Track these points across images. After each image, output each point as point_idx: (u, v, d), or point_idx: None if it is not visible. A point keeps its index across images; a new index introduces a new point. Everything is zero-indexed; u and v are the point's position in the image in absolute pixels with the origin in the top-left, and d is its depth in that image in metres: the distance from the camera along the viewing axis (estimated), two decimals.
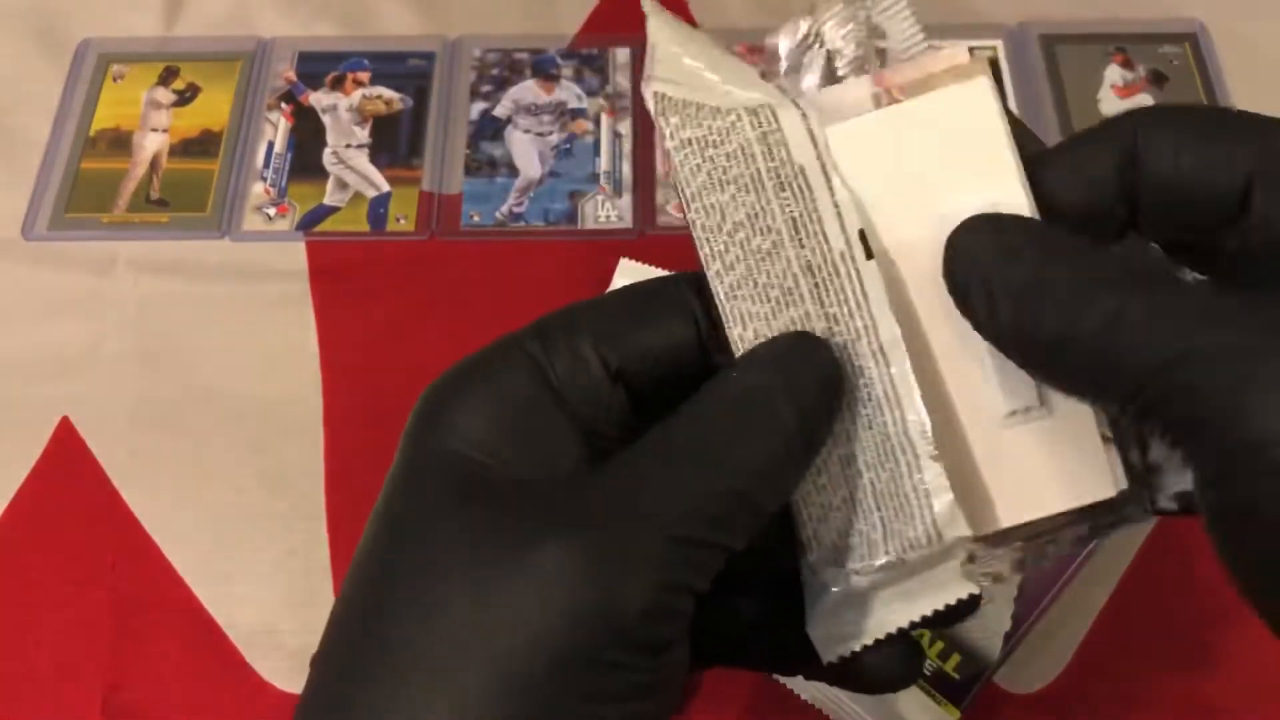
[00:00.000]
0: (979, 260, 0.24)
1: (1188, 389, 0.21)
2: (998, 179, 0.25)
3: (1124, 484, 0.25)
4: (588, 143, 0.60)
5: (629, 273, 0.53)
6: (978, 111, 0.26)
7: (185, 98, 0.62)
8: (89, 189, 0.59)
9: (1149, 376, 0.21)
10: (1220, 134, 0.24)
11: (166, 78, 0.63)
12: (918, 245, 0.25)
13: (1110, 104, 0.60)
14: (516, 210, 0.58)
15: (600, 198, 0.58)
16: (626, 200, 0.58)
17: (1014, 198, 0.25)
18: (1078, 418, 0.25)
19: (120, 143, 0.61)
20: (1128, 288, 0.22)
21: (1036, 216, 0.25)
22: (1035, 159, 0.26)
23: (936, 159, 0.26)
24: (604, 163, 0.59)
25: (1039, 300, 0.23)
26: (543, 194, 0.59)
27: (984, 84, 0.26)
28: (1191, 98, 0.60)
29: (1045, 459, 0.25)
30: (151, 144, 0.61)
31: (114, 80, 0.63)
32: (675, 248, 0.56)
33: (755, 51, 0.66)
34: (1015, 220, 0.24)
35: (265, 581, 0.49)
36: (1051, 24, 0.63)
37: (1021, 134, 0.26)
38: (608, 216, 0.58)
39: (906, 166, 0.26)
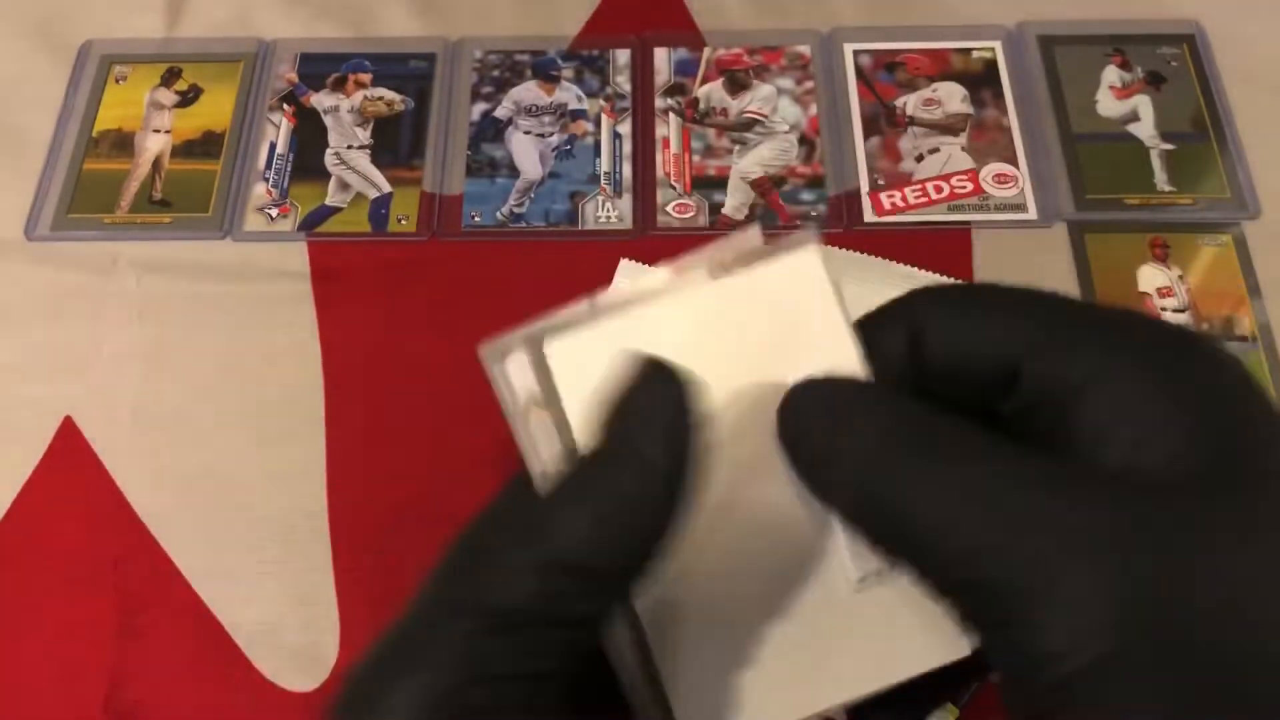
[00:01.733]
0: (807, 422, 0.24)
1: (989, 587, 0.21)
2: (831, 344, 0.26)
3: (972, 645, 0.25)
4: (588, 144, 0.60)
5: (629, 273, 0.53)
6: (808, 279, 0.26)
7: (187, 99, 0.62)
8: (91, 189, 0.59)
9: (953, 562, 0.22)
10: (988, 315, 0.25)
11: (169, 79, 0.63)
12: (758, 416, 0.25)
13: (1108, 105, 0.61)
14: (517, 211, 0.58)
15: (600, 198, 0.58)
16: (626, 201, 0.58)
17: (848, 361, 0.25)
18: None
19: (122, 143, 0.61)
20: (951, 459, 0.22)
21: (868, 377, 0.25)
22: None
23: (769, 329, 0.26)
24: (604, 164, 0.60)
25: (852, 466, 0.23)
26: (543, 195, 0.59)
27: (813, 251, 0.26)
28: (1190, 98, 0.61)
29: (898, 622, 0.25)
30: (154, 145, 0.61)
31: (116, 81, 0.63)
32: (675, 248, 0.56)
33: (755, 51, 0.66)
34: (845, 382, 0.25)
35: (267, 580, 0.49)
36: (1049, 25, 0.63)
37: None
38: (608, 217, 0.58)
39: (746, 338, 0.26)
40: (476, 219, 0.58)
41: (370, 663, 0.23)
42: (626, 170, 0.59)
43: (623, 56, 0.63)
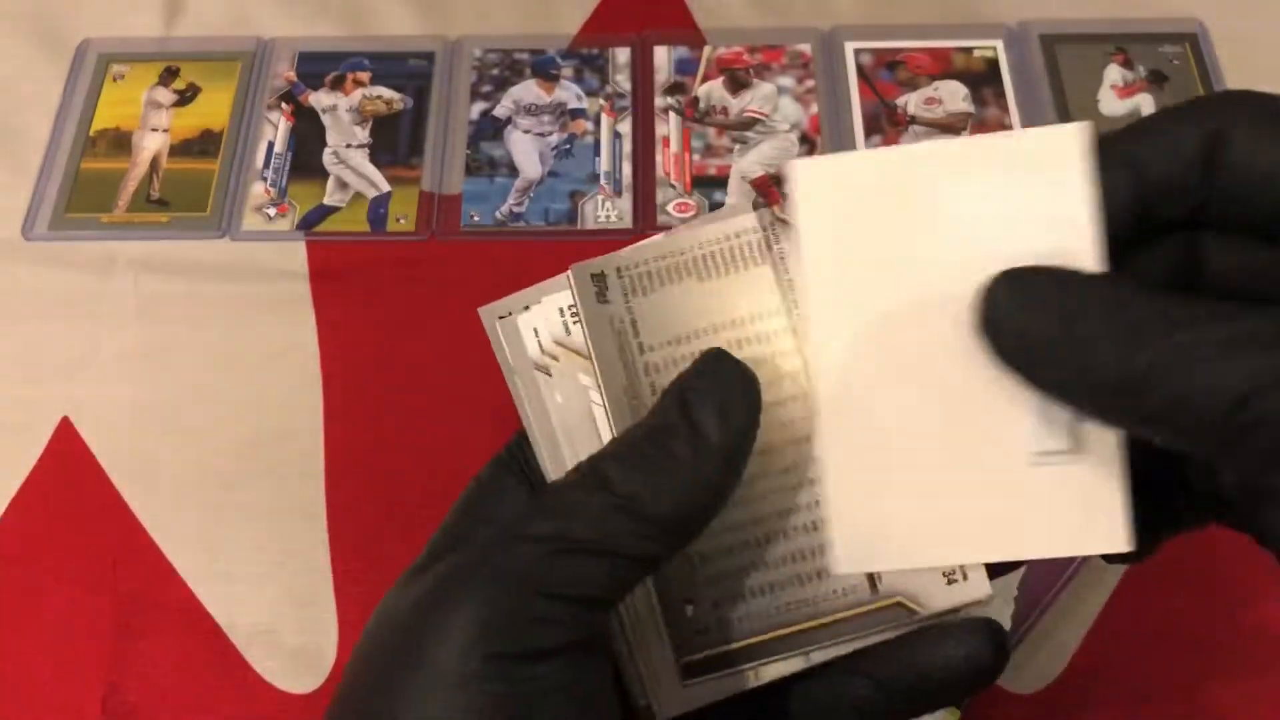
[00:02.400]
0: (1032, 315, 0.23)
1: (1264, 423, 0.20)
2: (1070, 227, 0.25)
3: (1134, 541, 0.25)
4: (588, 143, 0.60)
5: None
6: (1065, 156, 0.25)
7: (185, 98, 0.62)
8: (89, 189, 0.59)
9: (1222, 414, 0.21)
10: None
11: (166, 78, 0.63)
12: (961, 284, 0.25)
13: (1110, 104, 0.60)
14: (516, 210, 0.58)
15: (600, 198, 0.58)
16: (626, 200, 0.58)
17: (1082, 244, 0.24)
18: (1105, 467, 0.25)
19: (120, 143, 0.61)
20: (1198, 322, 0.22)
21: (1103, 267, 0.24)
22: (1122, 133, 0.25)
23: (1008, 198, 0.25)
24: (604, 163, 0.59)
25: (1104, 348, 0.22)
26: (543, 194, 0.59)
27: (1078, 132, 0.25)
28: (1191, 97, 0.60)
29: (1063, 502, 0.25)
30: (151, 144, 0.61)
31: (114, 80, 0.63)
32: None
33: (755, 50, 0.66)
34: (1067, 274, 0.24)
35: (265, 581, 0.49)
36: (1051, 24, 0.63)
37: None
38: (608, 216, 0.58)
39: (982, 203, 0.25)
40: (475, 218, 0.58)
41: (438, 563, 0.26)
42: (626, 169, 0.59)
43: (622, 55, 0.63)
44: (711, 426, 0.25)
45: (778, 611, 0.27)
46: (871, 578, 0.26)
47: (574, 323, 0.28)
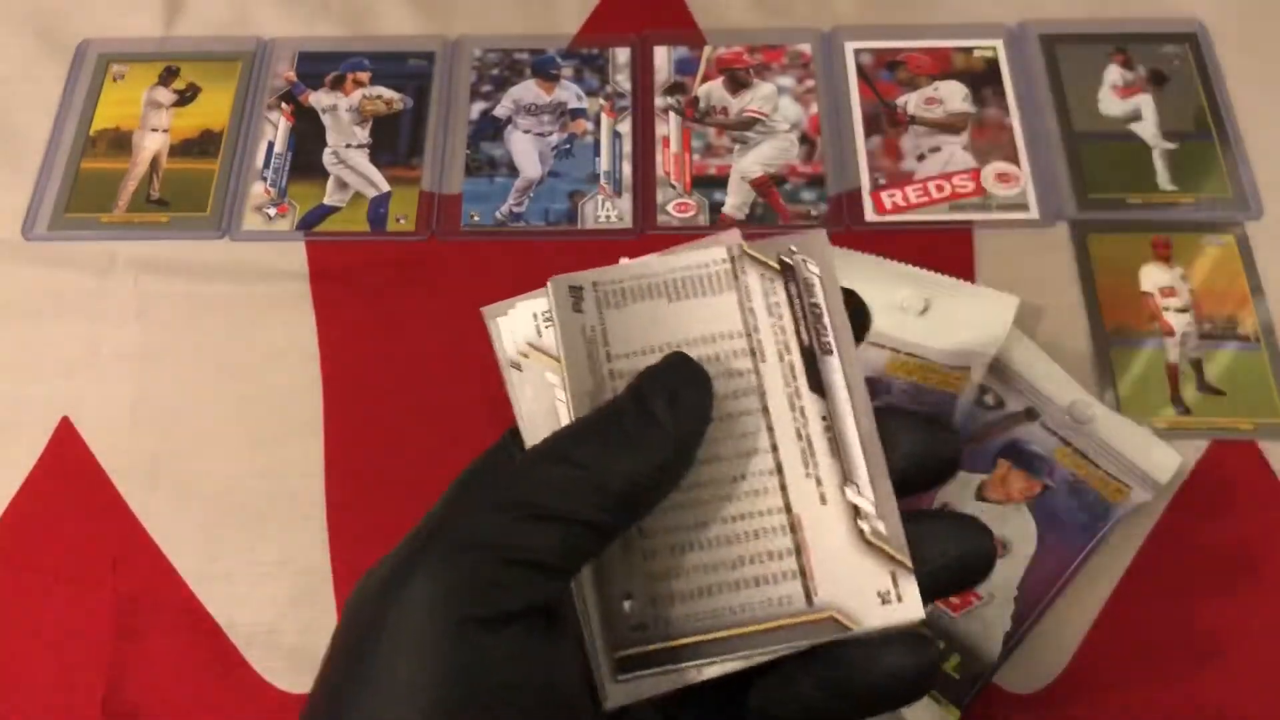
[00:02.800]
0: None
1: None
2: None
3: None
4: (588, 143, 0.60)
5: None
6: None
7: (185, 98, 0.62)
8: (89, 189, 0.59)
9: None
10: None
11: (166, 78, 0.63)
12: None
13: (1110, 104, 0.60)
14: (516, 210, 0.58)
15: (600, 198, 0.58)
16: (626, 200, 0.58)
17: None
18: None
19: (120, 143, 0.61)
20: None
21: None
22: None
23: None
24: (604, 163, 0.59)
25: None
26: (543, 194, 0.59)
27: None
28: (1192, 97, 0.60)
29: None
30: (151, 144, 0.61)
31: (114, 80, 0.63)
32: None
33: (755, 50, 0.66)
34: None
35: (265, 581, 0.49)
36: (1051, 24, 0.63)
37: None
38: (607, 216, 0.58)
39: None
40: (475, 218, 0.58)
41: (408, 540, 0.27)
42: (626, 169, 0.59)
43: (622, 55, 0.63)
44: (662, 410, 0.27)
45: (714, 614, 0.28)
46: (806, 587, 0.28)
47: (546, 327, 0.31)
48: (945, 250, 0.56)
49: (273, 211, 0.58)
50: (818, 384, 0.29)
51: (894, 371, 0.51)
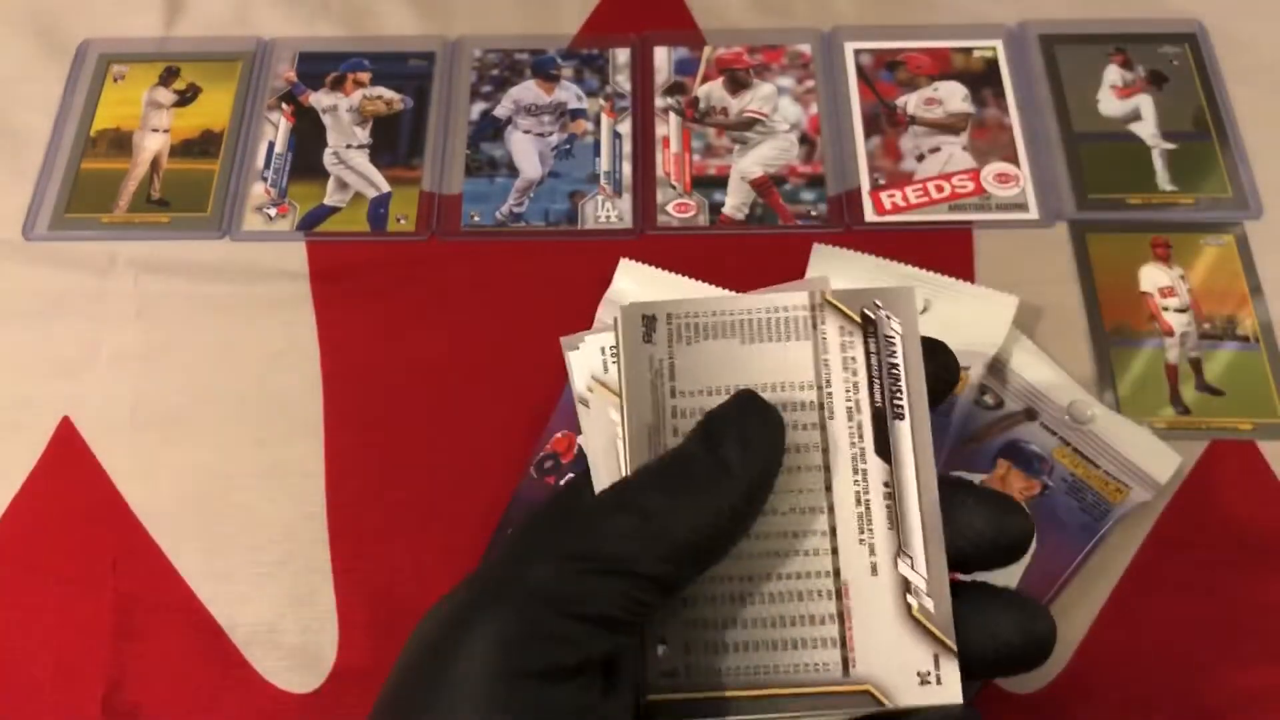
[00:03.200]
0: None
1: None
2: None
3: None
4: (588, 143, 0.60)
5: (629, 272, 0.53)
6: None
7: (186, 98, 0.62)
8: (89, 189, 0.59)
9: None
10: None
11: (167, 78, 0.63)
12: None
13: (1110, 104, 0.60)
14: (516, 210, 0.58)
15: (600, 198, 0.58)
16: (626, 200, 0.58)
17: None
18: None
19: (121, 143, 0.61)
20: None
21: None
22: None
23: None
24: (604, 163, 0.59)
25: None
26: (543, 194, 0.59)
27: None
28: (1191, 98, 0.60)
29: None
30: (152, 144, 0.61)
31: (114, 80, 0.63)
32: (675, 248, 0.56)
33: (755, 50, 0.66)
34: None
35: (265, 581, 0.49)
36: (1051, 24, 0.63)
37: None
38: (608, 217, 0.58)
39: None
40: (476, 219, 0.58)
41: (470, 585, 0.26)
42: (626, 169, 0.59)
43: (622, 55, 0.63)
44: (734, 456, 0.26)
45: (748, 671, 0.27)
46: (845, 657, 0.27)
47: (612, 361, 0.30)
48: (945, 250, 0.56)
49: (273, 212, 0.58)
50: (885, 449, 0.28)
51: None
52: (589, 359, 0.30)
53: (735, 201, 0.58)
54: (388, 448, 0.52)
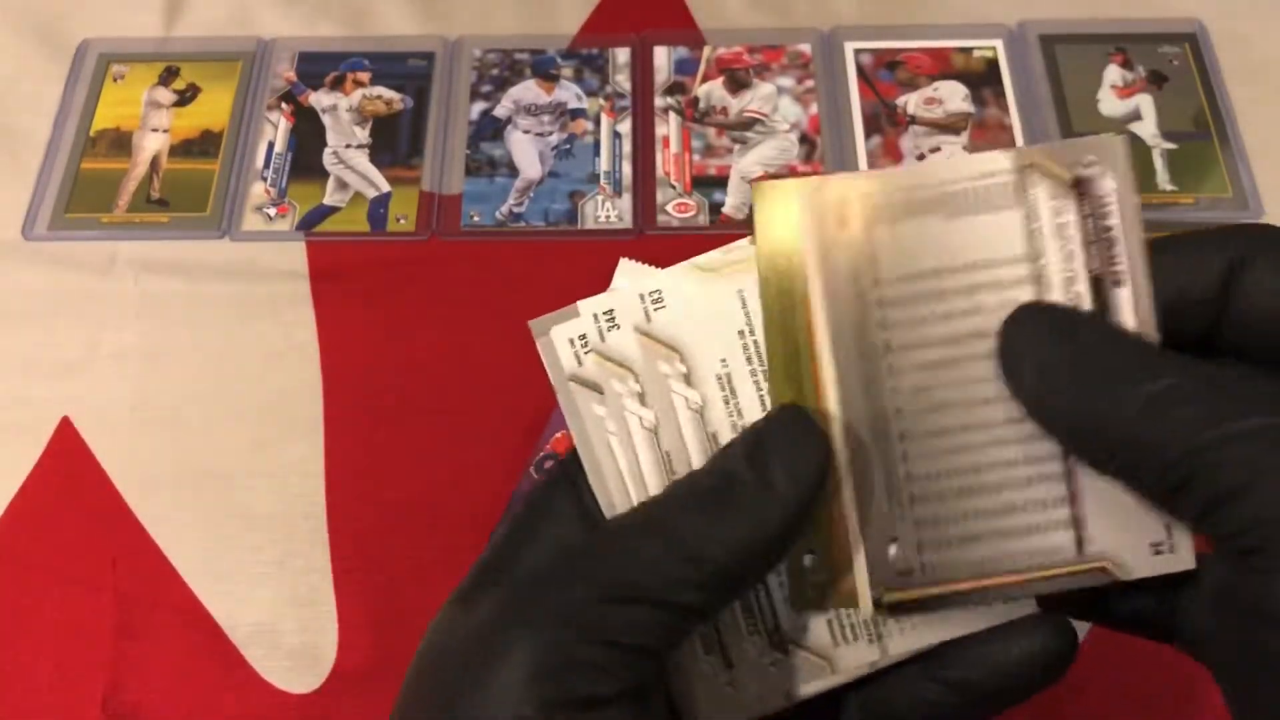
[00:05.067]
0: (1030, 342, 0.25)
1: (1216, 467, 0.22)
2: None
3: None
4: (588, 143, 0.60)
5: (629, 273, 0.53)
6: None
7: (185, 98, 0.62)
8: (89, 189, 0.59)
9: (1180, 459, 0.23)
10: None
11: (167, 78, 0.63)
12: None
13: (1110, 104, 0.60)
14: (516, 210, 0.58)
15: (600, 198, 0.58)
16: (626, 200, 0.58)
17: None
18: None
19: (120, 143, 0.61)
20: (1169, 371, 0.23)
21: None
22: (1157, 244, 0.26)
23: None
24: (604, 163, 0.59)
25: (1081, 380, 0.24)
26: (543, 194, 0.59)
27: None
28: (1191, 97, 0.60)
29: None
30: (152, 144, 0.61)
31: (114, 80, 0.63)
32: (675, 248, 0.56)
33: (755, 50, 0.66)
34: (1065, 309, 0.26)
35: (265, 581, 0.49)
36: (1051, 24, 0.63)
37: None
38: (608, 216, 0.58)
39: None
40: (476, 218, 0.58)
41: (494, 609, 0.25)
42: (626, 169, 0.59)
43: (622, 55, 0.63)
44: (781, 480, 0.25)
45: (981, 563, 0.27)
46: (1079, 537, 0.26)
47: (609, 330, 0.28)
48: None
49: (273, 211, 0.58)
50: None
51: None
52: (580, 331, 0.28)
53: (735, 201, 0.58)
54: (388, 448, 0.52)
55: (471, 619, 0.25)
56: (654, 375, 0.28)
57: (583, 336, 0.28)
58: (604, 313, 0.28)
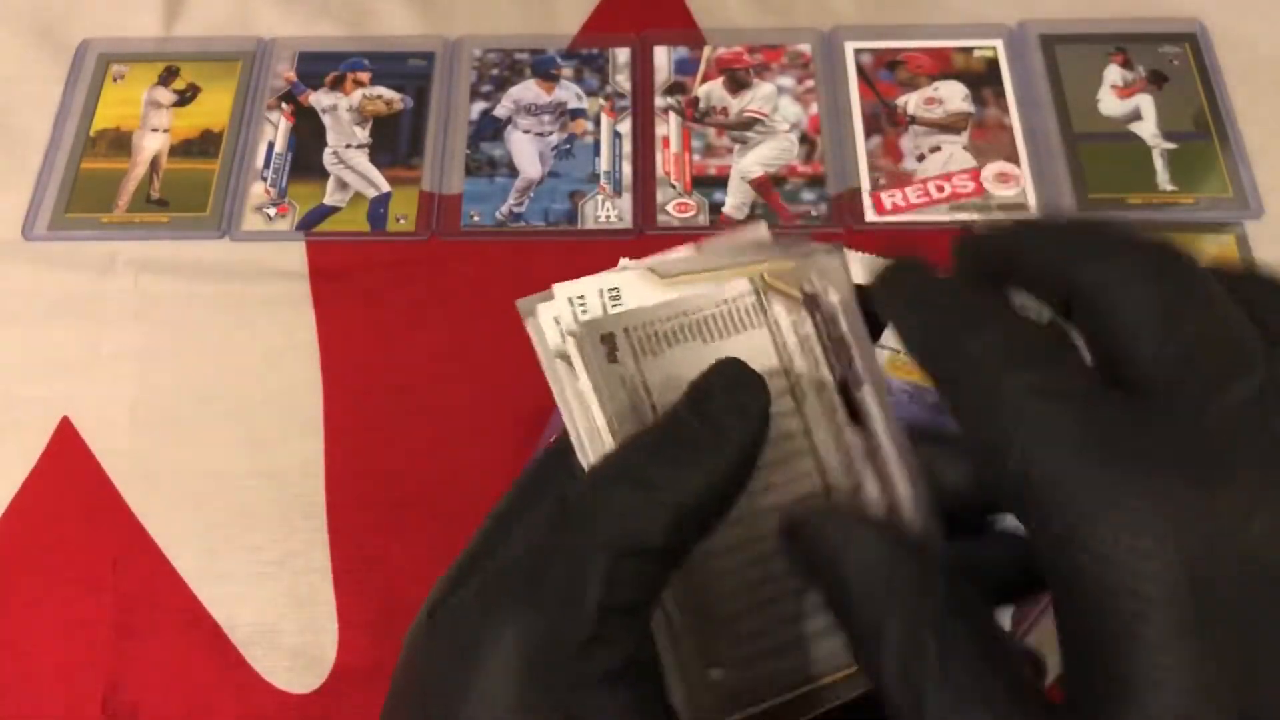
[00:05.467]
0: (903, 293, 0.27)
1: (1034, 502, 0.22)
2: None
3: None
4: (587, 143, 0.60)
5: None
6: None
7: (185, 98, 0.62)
8: (89, 189, 0.59)
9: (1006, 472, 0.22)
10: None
11: (167, 78, 0.63)
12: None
13: (1110, 104, 0.60)
14: (516, 210, 0.58)
15: (600, 198, 0.58)
16: (626, 200, 0.58)
17: None
18: None
19: (120, 143, 0.61)
20: (1009, 368, 0.23)
21: None
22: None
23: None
24: (604, 163, 0.59)
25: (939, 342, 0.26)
26: (543, 194, 0.59)
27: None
28: (1192, 97, 0.60)
29: None
30: (151, 144, 0.61)
31: (114, 80, 0.63)
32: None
33: (755, 50, 0.66)
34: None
35: (265, 581, 0.49)
36: (1051, 24, 0.63)
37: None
38: (607, 216, 0.58)
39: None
40: (475, 218, 0.58)
41: (481, 592, 0.25)
42: (626, 169, 0.59)
43: (622, 55, 0.63)
44: (727, 419, 0.26)
45: (796, 670, 0.27)
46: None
47: (583, 314, 0.29)
48: (945, 251, 0.56)
49: (273, 211, 0.58)
50: (857, 416, 0.28)
51: (893, 371, 0.51)
52: (563, 312, 0.29)
53: (735, 201, 0.58)
54: (388, 448, 0.52)
55: (458, 606, 0.25)
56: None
57: (557, 319, 0.29)
58: (577, 297, 0.30)
